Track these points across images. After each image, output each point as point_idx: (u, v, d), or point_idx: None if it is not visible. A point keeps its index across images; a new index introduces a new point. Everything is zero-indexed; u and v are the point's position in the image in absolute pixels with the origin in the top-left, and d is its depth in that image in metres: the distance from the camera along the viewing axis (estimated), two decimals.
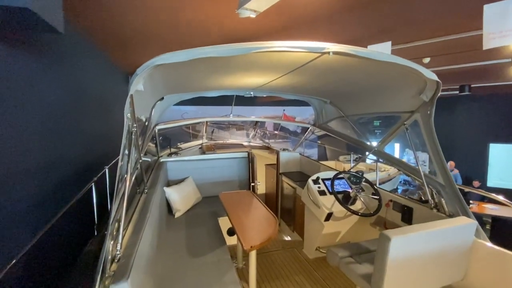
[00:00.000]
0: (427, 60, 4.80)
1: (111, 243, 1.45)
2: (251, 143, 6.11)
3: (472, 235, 1.98)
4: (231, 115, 5.03)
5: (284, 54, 1.67)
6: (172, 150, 4.54)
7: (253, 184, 4.12)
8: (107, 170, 3.24)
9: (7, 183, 2.24)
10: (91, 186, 2.66)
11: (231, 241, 3.20)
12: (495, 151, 9.92)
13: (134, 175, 2.28)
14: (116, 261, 1.42)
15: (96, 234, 2.69)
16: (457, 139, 10.75)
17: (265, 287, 2.69)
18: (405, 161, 2.80)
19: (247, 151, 4.35)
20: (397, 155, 12.72)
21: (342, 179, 3.15)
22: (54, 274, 2.60)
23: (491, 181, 9.98)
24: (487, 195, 2.42)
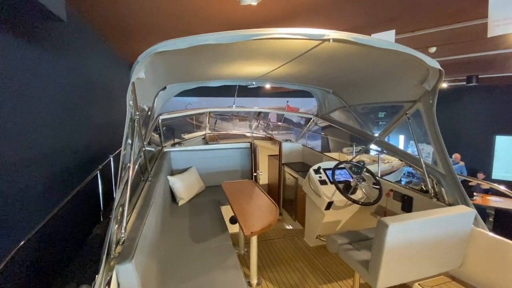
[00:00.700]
0: (433, 49, 4.71)
1: (116, 227, 1.51)
2: (254, 134, 6.14)
3: (470, 224, 2.00)
4: (233, 106, 5.03)
5: (284, 42, 1.67)
6: (175, 140, 4.60)
7: (255, 174, 4.16)
8: (111, 158, 3.30)
9: (18, 169, 2.31)
10: (97, 173, 2.72)
11: (233, 229, 3.26)
12: (501, 143, 9.80)
13: (137, 163, 2.33)
14: (120, 243, 1.48)
15: (102, 220, 2.78)
16: (462, 131, 10.60)
17: (266, 273, 2.76)
18: (407, 151, 2.80)
19: (250, 142, 4.38)
20: (401, 147, 12.62)
21: (343, 169, 3.17)
22: (62, 256, 2.71)
23: (496, 173, 9.90)
24: (494, 187, 2.42)
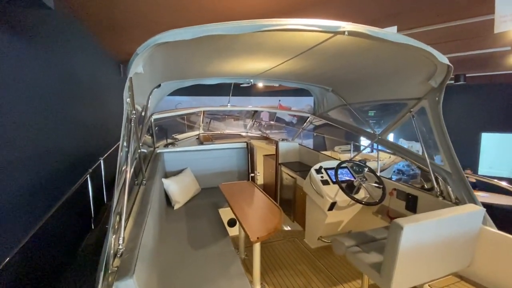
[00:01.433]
0: None
1: (113, 237, 1.36)
2: (249, 134, 6.03)
3: (479, 222, 1.97)
4: (228, 105, 4.90)
5: (294, 34, 1.57)
6: (168, 141, 4.42)
7: (252, 174, 4.06)
8: (102, 161, 3.10)
9: None
10: (87, 178, 2.53)
11: (232, 232, 3.15)
12: (487, 140, 10.13)
13: (133, 166, 2.17)
14: (119, 255, 1.33)
15: (93, 227, 2.59)
16: (450, 129, 10.84)
17: (268, 278, 2.66)
18: (410, 150, 2.76)
19: (246, 141, 4.27)
20: None
21: (344, 168, 3.11)
22: (51, 271, 2.50)
23: (482, 169, 10.24)
24: (495, 183, 2.42)
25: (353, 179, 2.89)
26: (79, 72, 4.10)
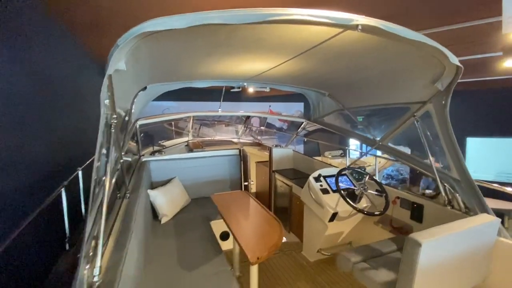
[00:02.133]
0: None
1: (86, 267, 1.12)
2: (241, 140, 5.82)
3: (495, 233, 1.84)
4: (219, 110, 4.69)
5: (299, 29, 1.40)
6: (155, 148, 4.15)
7: (246, 183, 3.84)
8: (80, 172, 2.80)
9: None
10: (61, 192, 2.23)
11: (225, 245, 2.92)
12: (472, 145, 10.38)
13: (114, 178, 1.92)
14: None
15: (68, 248, 2.27)
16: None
17: None
18: (414, 156, 2.64)
19: (239, 148, 4.06)
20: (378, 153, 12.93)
21: (344, 175, 2.95)
22: None
23: None
24: (498, 189, 2.31)
25: (354, 187, 2.74)
26: (54, 74, 3.77)
